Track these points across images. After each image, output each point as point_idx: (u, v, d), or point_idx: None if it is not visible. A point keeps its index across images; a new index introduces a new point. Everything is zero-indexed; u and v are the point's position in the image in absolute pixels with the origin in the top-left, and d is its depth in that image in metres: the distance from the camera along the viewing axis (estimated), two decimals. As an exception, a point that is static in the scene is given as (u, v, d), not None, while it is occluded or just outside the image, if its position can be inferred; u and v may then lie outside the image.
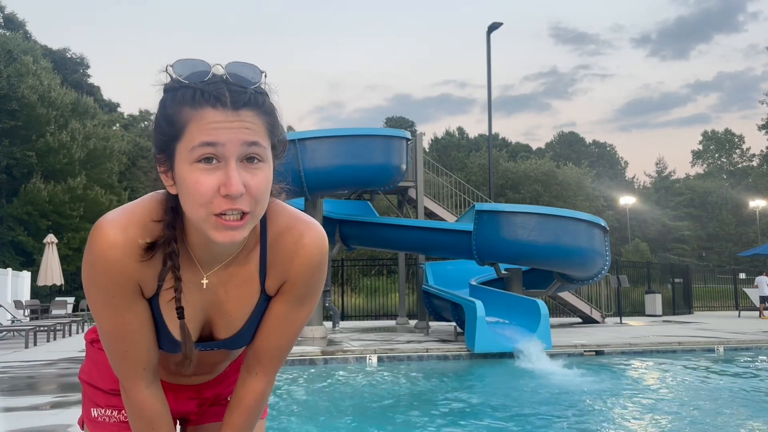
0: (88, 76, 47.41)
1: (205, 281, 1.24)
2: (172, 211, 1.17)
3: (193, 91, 1.08)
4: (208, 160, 1.06)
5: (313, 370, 8.67)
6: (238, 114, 1.07)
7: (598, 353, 10.27)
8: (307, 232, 1.25)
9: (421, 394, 6.83)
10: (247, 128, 1.07)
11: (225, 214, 1.06)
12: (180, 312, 1.21)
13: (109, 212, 1.18)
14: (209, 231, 1.09)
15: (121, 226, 1.14)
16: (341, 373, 8.52)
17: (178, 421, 1.58)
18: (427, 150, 56.36)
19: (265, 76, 1.14)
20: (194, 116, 1.06)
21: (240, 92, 1.08)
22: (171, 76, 1.12)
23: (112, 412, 1.46)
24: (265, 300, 1.29)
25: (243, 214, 1.08)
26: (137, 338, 1.23)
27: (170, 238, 1.16)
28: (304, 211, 14.05)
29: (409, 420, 5.60)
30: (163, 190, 1.19)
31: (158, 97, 1.13)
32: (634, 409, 6.14)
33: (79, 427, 1.55)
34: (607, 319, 18.32)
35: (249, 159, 1.08)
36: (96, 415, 1.48)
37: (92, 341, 1.50)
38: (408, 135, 13.05)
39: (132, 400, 1.29)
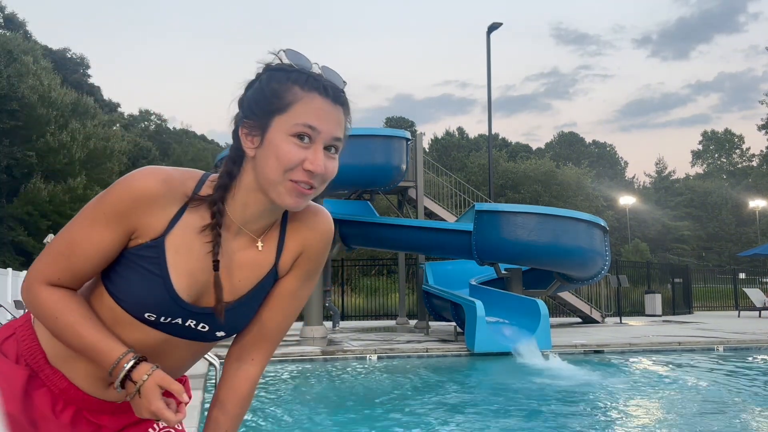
0: (89, 76, 47.45)
1: (260, 245, 1.35)
2: (227, 175, 1.29)
3: (306, 76, 1.24)
4: (301, 137, 1.21)
5: (313, 370, 8.69)
6: (335, 108, 1.24)
7: (598, 353, 10.29)
8: (320, 209, 1.42)
9: (421, 394, 6.84)
10: (338, 123, 1.25)
11: (300, 182, 1.22)
12: (216, 265, 1.28)
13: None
14: (280, 192, 1.23)
15: (162, 170, 1.27)
16: (341, 372, 8.54)
17: None
18: (427, 150, 56.36)
19: (345, 85, 1.31)
20: (304, 98, 1.22)
21: (339, 90, 1.26)
22: (281, 60, 1.27)
23: None
24: (273, 277, 1.38)
25: (310, 187, 1.24)
26: (80, 254, 1.26)
27: (220, 196, 1.28)
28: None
29: (409, 419, 5.61)
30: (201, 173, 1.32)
31: (260, 72, 1.27)
32: (634, 409, 6.16)
33: None
34: (606, 319, 18.34)
35: (328, 148, 1.25)
36: None
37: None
38: (408, 135, 13.06)
39: (31, 301, 1.28)
